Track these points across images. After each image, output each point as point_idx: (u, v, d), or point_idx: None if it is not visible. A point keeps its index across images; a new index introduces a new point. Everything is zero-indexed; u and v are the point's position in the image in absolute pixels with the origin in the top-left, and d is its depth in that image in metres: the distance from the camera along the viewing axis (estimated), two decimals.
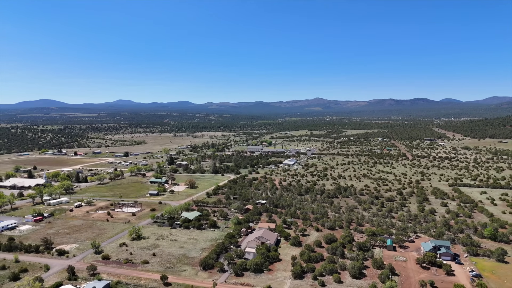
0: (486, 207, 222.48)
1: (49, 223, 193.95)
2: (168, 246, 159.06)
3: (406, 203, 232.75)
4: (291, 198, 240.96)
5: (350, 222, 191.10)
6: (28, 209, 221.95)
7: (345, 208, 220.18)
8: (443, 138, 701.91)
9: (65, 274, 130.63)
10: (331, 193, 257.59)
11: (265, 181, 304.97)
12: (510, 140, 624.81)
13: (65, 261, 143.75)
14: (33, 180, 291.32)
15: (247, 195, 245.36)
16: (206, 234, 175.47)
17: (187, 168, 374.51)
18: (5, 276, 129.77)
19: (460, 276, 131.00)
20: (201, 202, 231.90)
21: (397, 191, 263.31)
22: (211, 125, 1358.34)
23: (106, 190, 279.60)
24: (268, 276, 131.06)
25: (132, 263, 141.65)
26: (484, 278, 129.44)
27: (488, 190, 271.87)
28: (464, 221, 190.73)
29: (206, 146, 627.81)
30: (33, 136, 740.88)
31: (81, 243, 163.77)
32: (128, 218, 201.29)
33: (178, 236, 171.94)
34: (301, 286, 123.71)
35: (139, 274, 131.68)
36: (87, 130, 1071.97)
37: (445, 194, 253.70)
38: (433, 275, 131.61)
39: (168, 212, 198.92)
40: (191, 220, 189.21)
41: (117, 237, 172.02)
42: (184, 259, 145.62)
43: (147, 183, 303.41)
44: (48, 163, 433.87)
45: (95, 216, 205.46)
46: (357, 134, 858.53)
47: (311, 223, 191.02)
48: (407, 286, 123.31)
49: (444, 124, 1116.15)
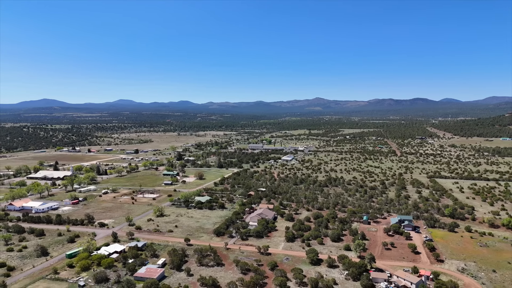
0: (454, 194, 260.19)
1: (85, 205, 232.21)
2: (187, 221, 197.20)
3: (386, 191, 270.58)
4: (287, 187, 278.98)
5: (336, 205, 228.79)
6: (62, 195, 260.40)
7: (333, 194, 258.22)
8: (434, 136, 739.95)
9: (110, 238, 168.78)
10: (322, 183, 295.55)
11: (265, 174, 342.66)
12: (496, 138, 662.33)
13: (107, 230, 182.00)
14: (61, 172, 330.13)
15: (249, 185, 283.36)
16: (216, 213, 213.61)
17: (195, 163, 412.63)
18: (63, 240, 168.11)
19: (416, 240, 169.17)
20: (210, 190, 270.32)
21: (380, 182, 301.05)
22: (212, 125, 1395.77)
23: (125, 181, 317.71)
24: (267, 240, 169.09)
25: (160, 232, 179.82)
26: (434, 241, 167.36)
27: (461, 181, 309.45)
28: (431, 204, 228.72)
29: (209, 144, 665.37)
30: (45, 134, 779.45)
31: (116, 219, 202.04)
32: (149, 202, 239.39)
33: (194, 214, 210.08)
34: (292, 246, 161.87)
35: (167, 239, 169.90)
36: (93, 130, 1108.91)
37: (422, 184, 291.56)
38: (395, 240, 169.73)
39: (184, 196, 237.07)
40: (203, 203, 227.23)
41: (143, 215, 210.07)
42: (201, 229, 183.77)
43: (160, 175, 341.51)
44: (66, 159, 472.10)
45: (122, 200, 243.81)
46: (353, 133, 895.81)
47: (303, 205, 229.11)
48: (373, 246, 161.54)
49: (438, 123, 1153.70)
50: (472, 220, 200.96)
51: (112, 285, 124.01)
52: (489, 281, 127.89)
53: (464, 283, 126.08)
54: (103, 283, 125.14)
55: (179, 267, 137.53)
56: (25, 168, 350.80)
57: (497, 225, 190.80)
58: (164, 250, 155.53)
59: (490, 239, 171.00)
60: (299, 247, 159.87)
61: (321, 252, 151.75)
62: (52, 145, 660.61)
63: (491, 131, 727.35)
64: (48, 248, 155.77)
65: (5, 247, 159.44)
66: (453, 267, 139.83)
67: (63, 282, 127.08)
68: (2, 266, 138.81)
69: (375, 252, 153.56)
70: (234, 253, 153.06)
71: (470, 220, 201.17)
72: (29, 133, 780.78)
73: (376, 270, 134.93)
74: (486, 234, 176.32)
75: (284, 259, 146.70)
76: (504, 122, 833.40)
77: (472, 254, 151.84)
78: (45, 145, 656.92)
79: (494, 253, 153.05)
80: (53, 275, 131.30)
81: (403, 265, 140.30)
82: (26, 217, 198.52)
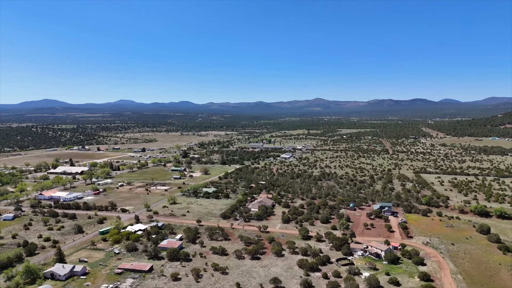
0: (435, 186, 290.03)
1: (105, 195, 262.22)
2: (197, 208, 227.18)
3: (374, 184, 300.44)
4: (285, 181, 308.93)
5: (327, 195, 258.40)
6: (83, 187, 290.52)
7: (325, 187, 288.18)
8: (427, 136, 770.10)
9: (132, 220, 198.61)
10: (317, 177, 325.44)
11: (265, 170, 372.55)
12: (486, 138, 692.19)
13: (129, 215, 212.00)
14: (78, 168, 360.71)
15: (250, 179, 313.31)
16: (222, 201, 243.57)
17: (199, 160, 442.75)
18: (93, 221, 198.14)
19: (392, 222, 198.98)
20: (215, 183, 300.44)
21: (370, 176, 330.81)
22: (213, 125, 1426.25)
23: (137, 175, 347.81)
24: (266, 222, 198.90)
25: (175, 216, 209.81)
26: (408, 223, 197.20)
27: (444, 176, 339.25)
28: (412, 194, 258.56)
29: (212, 143, 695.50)
30: (54, 134, 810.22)
31: (135, 206, 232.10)
32: (162, 192, 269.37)
33: (202, 203, 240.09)
34: (287, 226, 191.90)
35: (181, 221, 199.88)
36: (98, 129, 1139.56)
37: (407, 178, 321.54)
38: (375, 222, 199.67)
39: (192, 188, 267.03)
40: (210, 193, 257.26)
41: (158, 203, 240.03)
42: (209, 214, 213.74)
43: (169, 171, 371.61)
44: (78, 156, 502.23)
45: (137, 191, 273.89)
46: (350, 133, 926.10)
47: (298, 195, 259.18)
48: (356, 226, 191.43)
49: (433, 124, 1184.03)
50: (445, 207, 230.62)
51: (141, 253, 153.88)
52: (447, 251, 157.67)
53: (426, 252, 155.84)
54: (133, 252, 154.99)
55: (193, 240, 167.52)
56: (44, 165, 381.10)
57: (466, 211, 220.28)
58: (180, 229, 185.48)
59: (456, 221, 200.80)
60: (293, 227, 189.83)
61: (311, 231, 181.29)
62: (62, 144, 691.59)
63: (482, 131, 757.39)
64: (82, 227, 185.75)
65: (45, 227, 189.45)
66: (419, 241, 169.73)
67: (101, 251, 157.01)
68: (48, 240, 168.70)
69: (357, 231, 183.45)
70: (238, 231, 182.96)
71: (444, 207, 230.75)
72: (38, 132, 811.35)
73: (355, 243, 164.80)
74: (454, 218, 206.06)
75: (280, 235, 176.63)
76: (495, 122, 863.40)
77: (437, 232, 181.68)
78: (55, 144, 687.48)
79: (456, 232, 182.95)
80: (91, 246, 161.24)
81: (379, 240, 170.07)
82: (57, 204, 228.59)
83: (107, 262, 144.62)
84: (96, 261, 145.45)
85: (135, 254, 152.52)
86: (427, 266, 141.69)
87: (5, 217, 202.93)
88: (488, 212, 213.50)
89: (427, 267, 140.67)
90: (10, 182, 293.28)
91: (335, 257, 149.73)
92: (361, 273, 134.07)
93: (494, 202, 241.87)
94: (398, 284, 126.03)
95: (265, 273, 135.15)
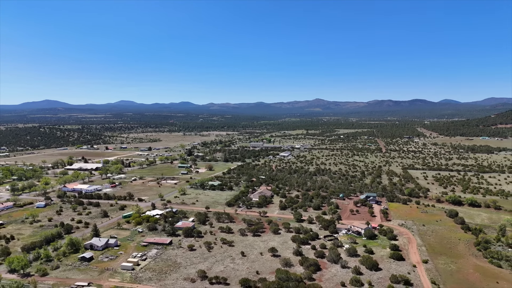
0: (418, 180, 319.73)
1: (121, 188, 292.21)
2: (204, 198, 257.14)
3: (364, 178, 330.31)
4: (283, 175, 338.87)
5: (321, 188, 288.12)
6: (100, 181, 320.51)
7: (319, 180, 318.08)
8: (421, 136, 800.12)
9: (149, 208, 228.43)
10: (312, 173, 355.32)
11: (265, 166, 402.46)
12: (477, 137, 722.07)
13: (145, 203, 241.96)
14: (93, 164, 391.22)
15: (252, 174, 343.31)
16: (226, 192, 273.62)
17: (203, 158, 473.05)
18: (115, 208, 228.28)
19: (375, 209, 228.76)
20: (219, 177, 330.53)
21: (361, 172, 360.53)
22: (214, 125, 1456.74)
23: (147, 171, 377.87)
24: (266, 208, 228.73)
25: (185, 204, 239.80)
26: (389, 210, 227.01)
27: (428, 171, 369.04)
28: (396, 187, 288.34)
29: (214, 143, 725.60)
30: (62, 134, 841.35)
31: (149, 196, 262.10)
32: (172, 185, 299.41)
33: (209, 194, 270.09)
34: (284, 212, 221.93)
35: (191, 208, 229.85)
36: (102, 130, 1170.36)
37: (395, 173, 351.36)
38: (360, 209, 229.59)
39: (200, 181, 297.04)
40: (215, 186, 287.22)
41: (170, 194, 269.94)
42: (216, 202, 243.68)
43: (176, 167, 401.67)
44: (88, 155, 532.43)
45: (150, 184, 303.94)
46: (348, 133, 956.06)
47: (295, 187, 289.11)
48: (343, 212, 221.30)
49: (428, 124, 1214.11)
50: (425, 197, 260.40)
51: (160, 232, 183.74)
52: (417, 230, 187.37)
53: (399, 231, 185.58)
54: (154, 231, 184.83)
55: (204, 222, 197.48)
56: (61, 162, 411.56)
57: (442, 201, 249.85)
58: (191, 214, 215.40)
59: (431, 209, 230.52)
60: (289, 213, 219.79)
61: (304, 216, 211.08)
62: (71, 143, 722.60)
63: (474, 131, 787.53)
64: (108, 212, 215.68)
65: (75, 213, 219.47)
66: (396, 223, 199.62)
67: (127, 230, 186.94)
68: (80, 222, 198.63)
69: (344, 216, 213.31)
70: (242, 215, 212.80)
71: (423, 197, 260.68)
72: (47, 133, 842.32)
73: (341, 224, 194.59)
74: (430, 206, 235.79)
75: (278, 219, 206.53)
76: (488, 122, 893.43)
77: (413, 217, 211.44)
78: (64, 143, 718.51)
79: (429, 216, 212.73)
80: (118, 227, 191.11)
81: (361, 222, 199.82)
82: (81, 195, 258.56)
83: (133, 238, 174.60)
84: (124, 237, 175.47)
85: (156, 233, 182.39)
86: (399, 241, 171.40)
87: (38, 205, 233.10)
88: (461, 201, 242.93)
89: (398, 241, 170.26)
90: (33, 177, 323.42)
91: (323, 234, 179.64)
92: (343, 246, 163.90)
93: (469, 194, 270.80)
94: (372, 252, 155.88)
95: (265, 245, 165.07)
